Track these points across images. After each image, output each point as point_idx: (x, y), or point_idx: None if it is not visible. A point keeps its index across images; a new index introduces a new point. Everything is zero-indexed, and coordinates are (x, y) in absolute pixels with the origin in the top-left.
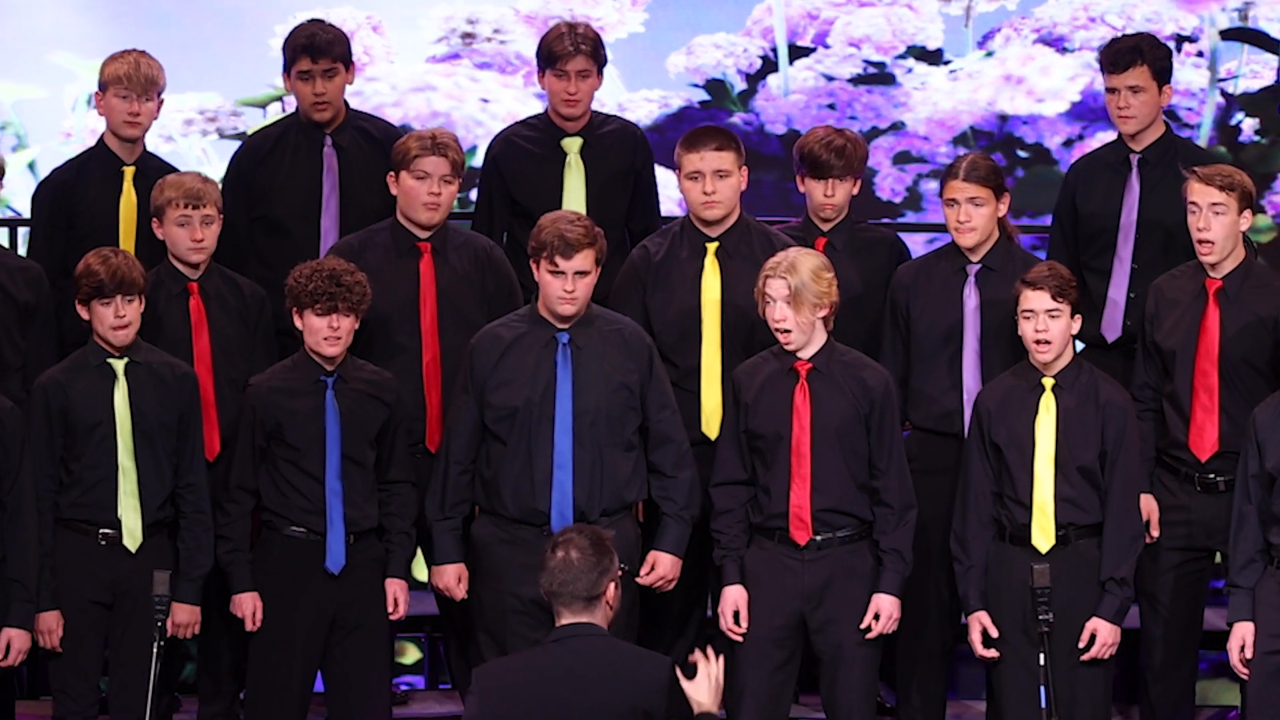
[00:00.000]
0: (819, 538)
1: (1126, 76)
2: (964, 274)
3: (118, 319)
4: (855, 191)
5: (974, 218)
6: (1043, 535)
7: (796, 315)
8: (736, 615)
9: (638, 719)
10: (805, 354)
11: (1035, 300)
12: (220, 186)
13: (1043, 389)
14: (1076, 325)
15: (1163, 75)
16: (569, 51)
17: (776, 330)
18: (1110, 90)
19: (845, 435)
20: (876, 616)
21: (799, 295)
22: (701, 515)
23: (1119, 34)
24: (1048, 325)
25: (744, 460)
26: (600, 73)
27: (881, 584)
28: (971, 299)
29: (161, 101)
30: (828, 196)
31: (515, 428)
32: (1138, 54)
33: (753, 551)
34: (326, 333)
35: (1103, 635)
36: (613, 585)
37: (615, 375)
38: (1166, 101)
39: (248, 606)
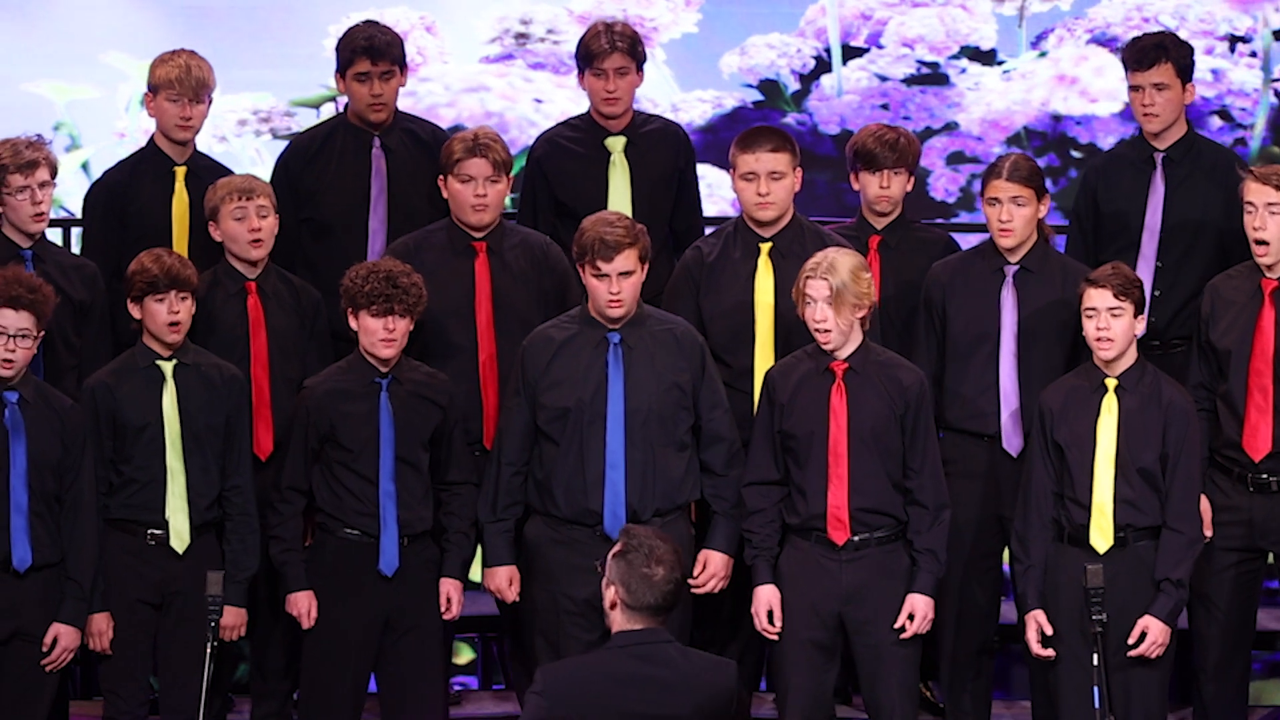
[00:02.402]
0: (856, 538)
1: (1151, 74)
2: (1001, 274)
3: (171, 314)
4: (909, 188)
5: (1015, 217)
6: (1101, 536)
7: (837, 316)
8: (770, 615)
9: None
10: (842, 354)
11: (1098, 298)
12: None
13: (1105, 389)
14: (1140, 326)
15: (1186, 73)
16: (605, 50)
17: (816, 330)
18: (1134, 88)
19: (881, 435)
20: (911, 617)
21: (840, 296)
22: None
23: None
24: (1109, 324)
25: (776, 460)
26: (640, 70)
27: (916, 584)
28: (1009, 300)
29: (211, 102)
30: (883, 188)
31: (567, 428)
32: (1162, 51)
33: (788, 552)
34: (382, 334)
35: (1153, 634)
36: None
37: (667, 374)
38: (1190, 100)
39: (302, 605)
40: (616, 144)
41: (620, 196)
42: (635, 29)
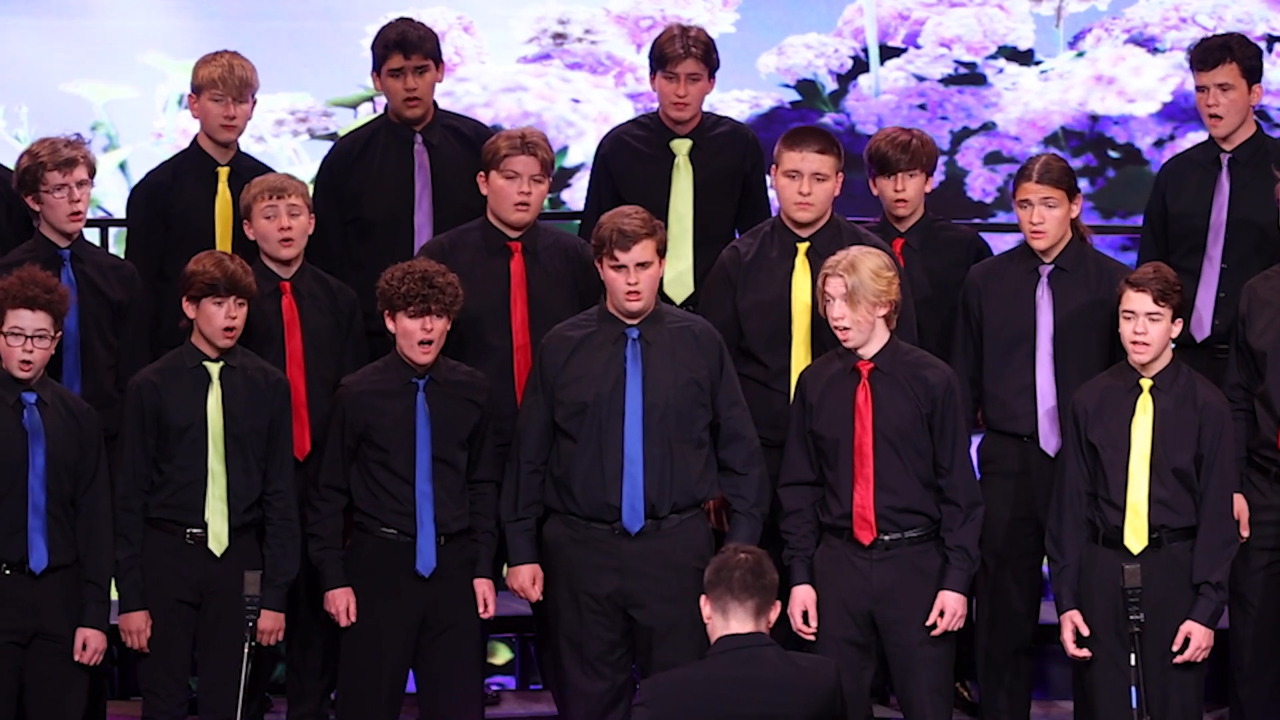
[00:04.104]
0: (886, 537)
1: (1215, 74)
2: (1036, 275)
3: (229, 319)
4: (929, 189)
5: (1046, 219)
6: (1135, 537)
7: (853, 313)
8: (806, 616)
9: None
10: (867, 353)
11: (1137, 302)
12: (311, 190)
13: (1140, 390)
14: (1177, 329)
15: (1252, 74)
16: (679, 54)
17: (835, 328)
18: (1200, 89)
19: (908, 435)
20: (941, 613)
21: (855, 294)
22: (773, 516)
23: (1209, 34)
24: (1147, 328)
25: (811, 460)
26: (712, 76)
27: (947, 581)
28: (1044, 300)
29: (255, 102)
30: (898, 192)
31: (586, 424)
32: (1227, 51)
33: (823, 551)
34: (420, 335)
35: (1197, 639)
36: (776, 606)
37: (685, 371)
38: (1256, 101)
39: (341, 603)
40: (682, 146)
41: (683, 199)
42: (710, 35)
